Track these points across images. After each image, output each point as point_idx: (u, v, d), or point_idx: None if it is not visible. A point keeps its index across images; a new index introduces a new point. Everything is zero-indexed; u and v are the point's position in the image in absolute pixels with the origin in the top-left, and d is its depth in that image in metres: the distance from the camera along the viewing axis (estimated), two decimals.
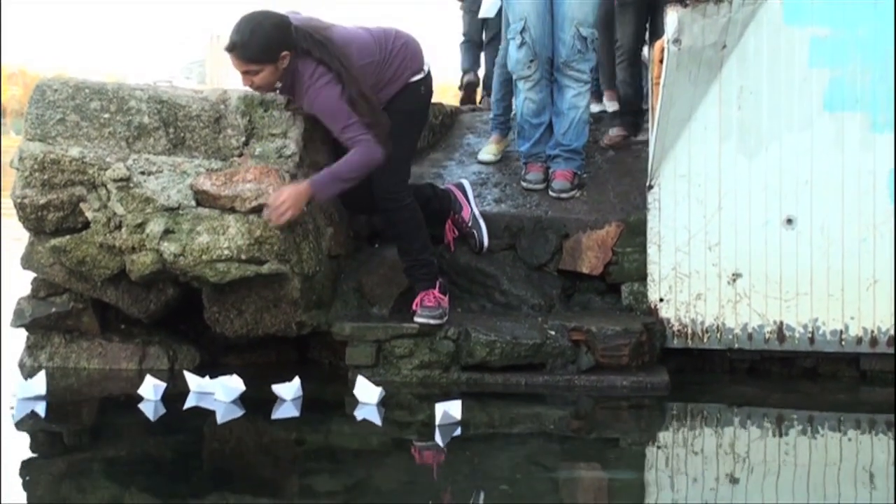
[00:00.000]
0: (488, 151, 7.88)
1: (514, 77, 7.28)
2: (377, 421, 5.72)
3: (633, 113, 7.84)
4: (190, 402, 5.97)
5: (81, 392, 6.37)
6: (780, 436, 5.67)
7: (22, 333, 6.75)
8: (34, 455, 5.21)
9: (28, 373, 6.48)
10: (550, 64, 7.19)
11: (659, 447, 5.58)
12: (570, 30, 7.03)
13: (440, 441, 5.37)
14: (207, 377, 6.12)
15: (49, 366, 6.61)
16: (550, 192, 7.21)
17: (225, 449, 5.53)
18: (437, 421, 5.48)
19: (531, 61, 7.10)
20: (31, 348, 6.71)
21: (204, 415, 5.79)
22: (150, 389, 5.97)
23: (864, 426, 5.89)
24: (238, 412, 5.83)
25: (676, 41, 6.24)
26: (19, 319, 6.66)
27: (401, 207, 6.41)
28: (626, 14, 7.78)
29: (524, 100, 7.24)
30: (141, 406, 5.89)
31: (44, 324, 6.65)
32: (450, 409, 5.51)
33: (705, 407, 6.19)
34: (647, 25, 7.98)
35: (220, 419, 5.73)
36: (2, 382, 6.22)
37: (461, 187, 6.94)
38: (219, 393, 5.96)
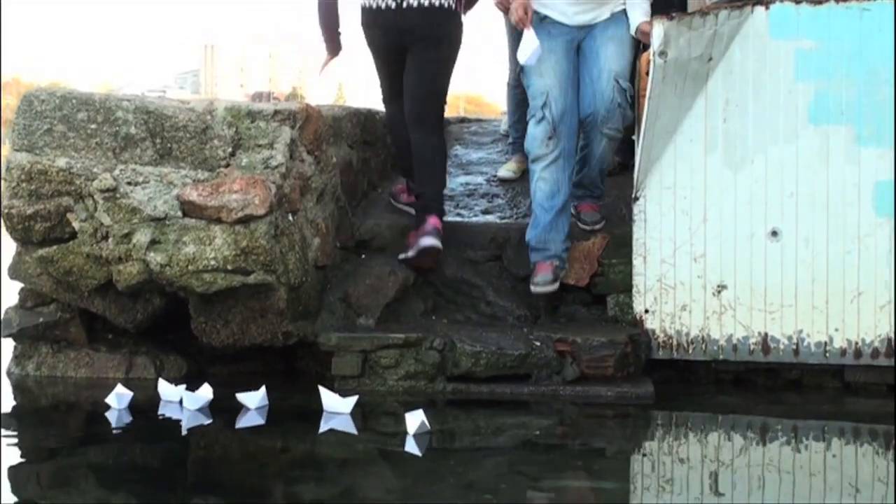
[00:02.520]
0: (508, 169, 7.83)
1: (530, 158, 6.76)
2: (353, 430, 5.74)
3: (627, 140, 7.69)
4: (160, 411, 6.02)
5: (58, 399, 6.44)
6: (764, 445, 5.69)
7: (9, 343, 6.77)
8: None
9: (15, 382, 6.53)
10: (569, 140, 6.73)
11: (644, 456, 5.59)
12: (610, 82, 6.64)
13: (418, 450, 5.38)
14: (174, 385, 6.19)
15: (36, 375, 6.64)
16: (582, 226, 6.95)
17: (204, 457, 5.54)
18: (413, 430, 5.51)
19: (549, 138, 6.63)
20: (18, 358, 6.74)
21: (168, 424, 5.84)
22: (114, 398, 6.01)
23: (849, 436, 5.92)
24: (205, 420, 5.88)
25: (662, 53, 6.27)
26: (7, 329, 6.70)
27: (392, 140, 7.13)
28: None
29: (538, 180, 6.71)
30: (107, 415, 5.93)
31: (31, 333, 6.68)
32: (424, 419, 5.54)
33: (690, 417, 6.21)
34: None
35: (184, 428, 5.77)
36: (1, 386, 6.28)
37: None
38: (186, 401, 6.02)
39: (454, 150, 8.44)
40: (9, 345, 6.80)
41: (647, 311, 6.58)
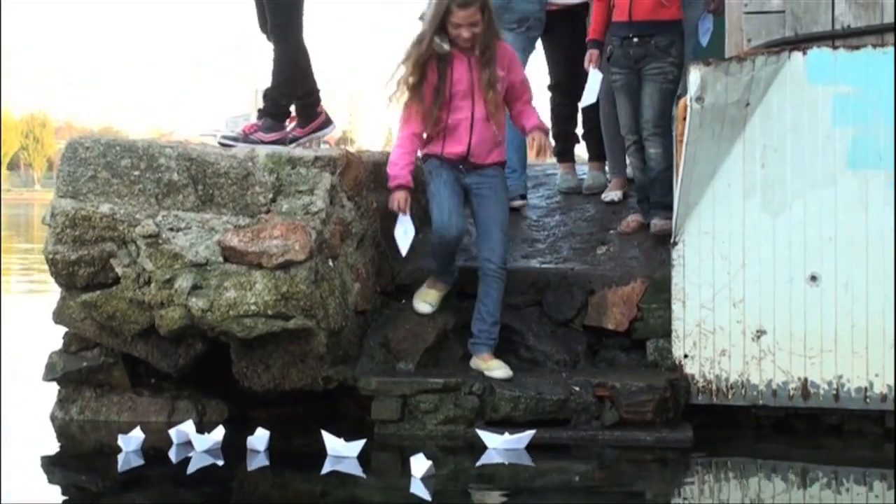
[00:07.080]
0: (426, 301, 6.92)
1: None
2: (360, 473, 5.76)
3: (647, 199, 7.52)
4: (170, 453, 6.06)
5: (101, 444, 6.49)
6: (805, 490, 5.67)
7: (53, 387, 6.84)
8: None
9: (58, 427, 6.59)
10: None
11: (683, 500, 5.58)
12: None
13: (427, 494, 5.40)
14: (196, 428, 6.24)
15: (80, 419, 6.70)
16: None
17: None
18: (421, 474, 5.53)
19: None
20: (62, 402, 6.80)
21: (179, 467, 5.91)
22: (123, 441, 6.04)
23: (890, 482, 5.87)
24: (215, 461, 5.94)
25: (699, 99, 6.30)
26: (51, 373, 6.76)
27: None
28: (621, 98, 7.49)
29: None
30: (118, 457, 5.98)
31: (75, 378, 6.74)
32: (430, 463, 5.57)
33: (729, 461, 6.19)
34: None
35: (193, 468, 5.84)
36: (1, 429, 6.34)
37: None
38: (196, 443, 6.08)
39: None
40: (53, 389, 6.86)
41: (686, 356, 6.57)
